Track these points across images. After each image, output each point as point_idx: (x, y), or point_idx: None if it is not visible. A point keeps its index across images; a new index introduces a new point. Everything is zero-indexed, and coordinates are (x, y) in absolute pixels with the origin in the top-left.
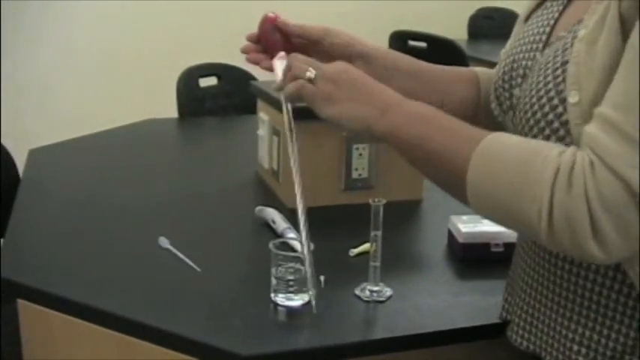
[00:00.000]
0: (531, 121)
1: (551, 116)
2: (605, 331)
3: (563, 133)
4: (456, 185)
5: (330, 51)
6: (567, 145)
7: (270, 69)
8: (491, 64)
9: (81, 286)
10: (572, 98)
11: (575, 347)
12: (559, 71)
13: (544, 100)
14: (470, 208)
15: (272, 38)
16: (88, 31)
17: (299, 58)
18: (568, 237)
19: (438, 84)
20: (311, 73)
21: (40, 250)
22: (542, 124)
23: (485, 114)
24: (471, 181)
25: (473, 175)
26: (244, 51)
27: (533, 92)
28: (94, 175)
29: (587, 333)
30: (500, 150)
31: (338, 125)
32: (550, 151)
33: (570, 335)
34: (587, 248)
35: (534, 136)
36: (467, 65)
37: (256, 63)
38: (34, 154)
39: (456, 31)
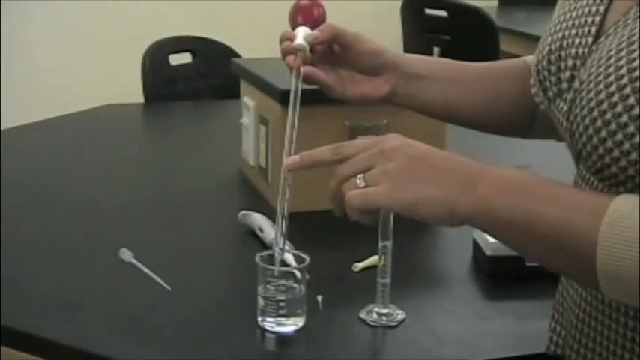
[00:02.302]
0: (619, 135)
1: (631, 128)
2: None
3: None
4: (578, 268)
5: (358, 59)
6: None
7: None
8: (527, 37)
9: (27, 311)
10: None
11: None
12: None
13: (636, 110)
14: (602, 293)
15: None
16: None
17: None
18: None
19: (482, 86)
20: (361, 182)
21: None
22: (639, 138)
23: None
24: (604, 269)
25: (606, 263)
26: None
27: (615, 96)
28: (42, 170)
29: None
30: (632, 226)
31: (415, 216)
32: None
33: None
34: None
35: (618, 144)
36: (497, 39)
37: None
38: None
39: None
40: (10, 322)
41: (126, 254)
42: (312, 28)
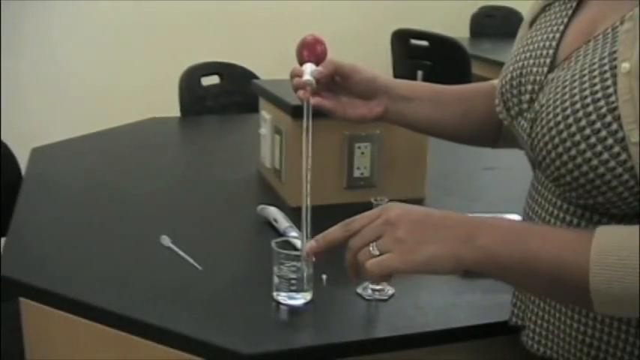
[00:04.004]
0: (573, 151)
1: (600, 147)
2: (623, 336)
3: (614, 165)
4: (573, 295)
5: (356, 86)
6: (620, 179)
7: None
8: (493, 62)
9: (83, 285)
10: (634, 138)
11: (593, 352)
12: (602, 102)
13: (587, 131)
14: (594, 310)
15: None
16: (90, 31)
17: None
18: None
19: (458, 105)
20: (374, 250)
21: (43, 249)
22: (589, 154)
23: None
24: (599, 293)
25: (597, 284)
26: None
27: (571, 120)
28: (96, 174)
29: (605, 338)
30: (620, 251)
31: (426, 272)
32: None
33: (587, 340)
34: None
35: (572, 158)
36: (469, 64)
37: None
38: (37, 153)
39: (457, 29)
40: (72, 293)
41: (165, 240)
42: (316, 62)
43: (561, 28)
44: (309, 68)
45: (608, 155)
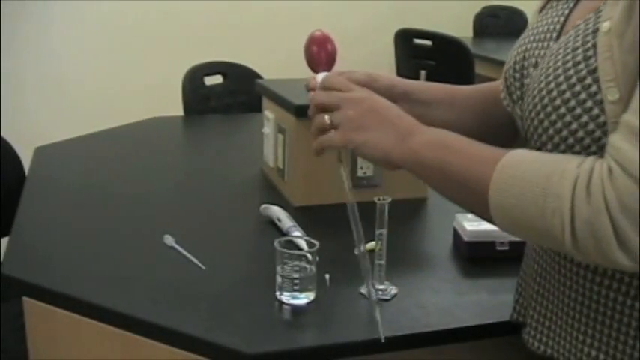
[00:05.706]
0: (553, 116)
1: (579, 110)
2: (622, 337)
3: (593, 127)
4: (478, 206)
5: None
6: (599, 144)
7: None
8: (497, 62)
9: (87, 284)
10: (612, 96)
11: (593, 352)
12: (582, 65)
13: (567, 94)
14: (495, 226)
15: (317, 59)
16: (93, 30)
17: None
18: (593, 248)
19: (474, 106)
20: (327, 120)
21: (46, 248)
22: (569, 118)
23: None
24: (493, 201)
25: (494, 196)
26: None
27: (552, 85)
28: (99, 173)
29: (604, 339)
30: (519, 168)
31: (360, 155)
32: (568, 163)
33: (588, 340)
34: (613, 257)
35: (552, 123)
36: (472, 63)
37: None
38: (40, 152)
39: (461, 29)
40: (76, 293)
41: (168, 239)
42: (327, 58)
43: (566, 12)
44: (321, 76)
45: (588, 118)
